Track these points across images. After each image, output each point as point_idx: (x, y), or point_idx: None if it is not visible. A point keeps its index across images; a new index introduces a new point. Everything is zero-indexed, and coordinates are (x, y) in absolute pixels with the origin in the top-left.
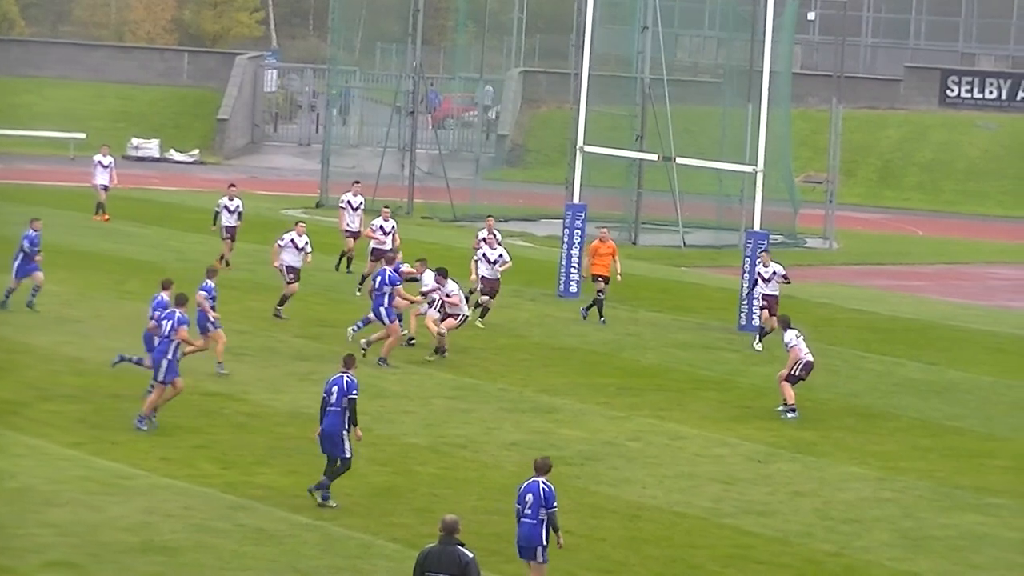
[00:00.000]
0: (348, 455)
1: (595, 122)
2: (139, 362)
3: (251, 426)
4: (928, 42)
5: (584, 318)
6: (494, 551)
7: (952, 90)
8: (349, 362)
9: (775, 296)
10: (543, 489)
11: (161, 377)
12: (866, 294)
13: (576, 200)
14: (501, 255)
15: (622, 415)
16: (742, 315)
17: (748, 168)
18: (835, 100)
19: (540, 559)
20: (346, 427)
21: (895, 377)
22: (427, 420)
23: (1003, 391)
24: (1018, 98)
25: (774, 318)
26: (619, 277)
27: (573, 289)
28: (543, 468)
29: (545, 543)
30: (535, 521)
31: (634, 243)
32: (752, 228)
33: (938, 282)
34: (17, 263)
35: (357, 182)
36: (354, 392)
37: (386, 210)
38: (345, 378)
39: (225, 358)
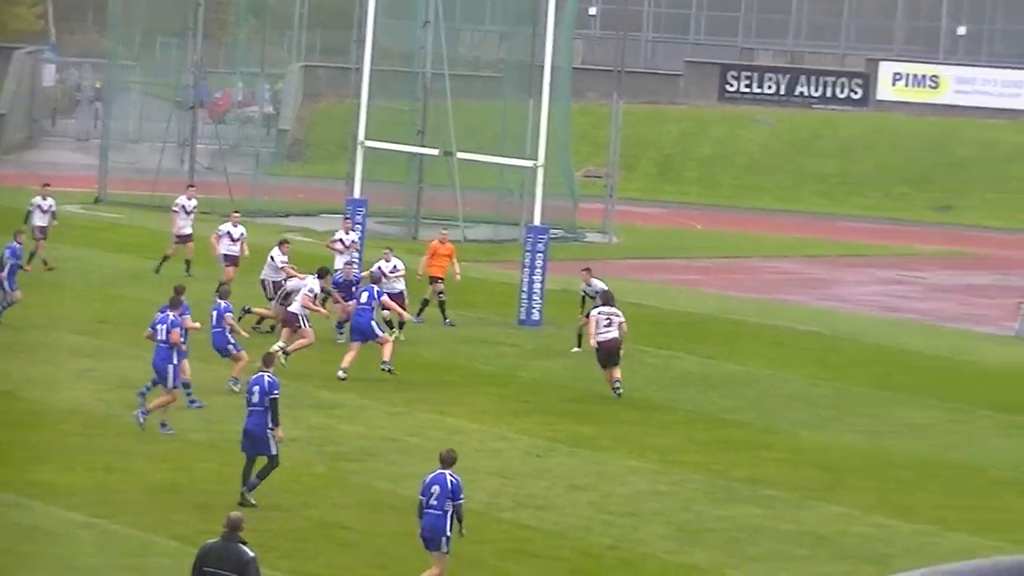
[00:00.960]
0: (274, 452)
1: (376, 117)
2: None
3: (27, 424)
4: (708, 37)
5: (417, 321)
6: (271, 547)
7: (731, 85)
8: (268, 360)
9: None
10: (451, 481)
11: (171, 384)
12: (645, 288)
13: (357, 195)
14: (395, 266)
15: (402, 410)
16: (522, 310)
17: (529, 163)
18: (616, 95)
19: (444, 549)
20: (269, 426)
21: (673, 371)
22: (207, 416)
23: (780, 384)
24: (796, 93)
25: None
26: (457, 277)
27: None
28: (449, 460)
29: (449, 534)
30: (440, 512)
31: (415, 238)
32: (532, 223)
33: (716, 276)
34: (5, 275)
35: (192, 186)
36: (276, 392)
37: (348, 221)
38: (266, 378)
39: (3, 356)
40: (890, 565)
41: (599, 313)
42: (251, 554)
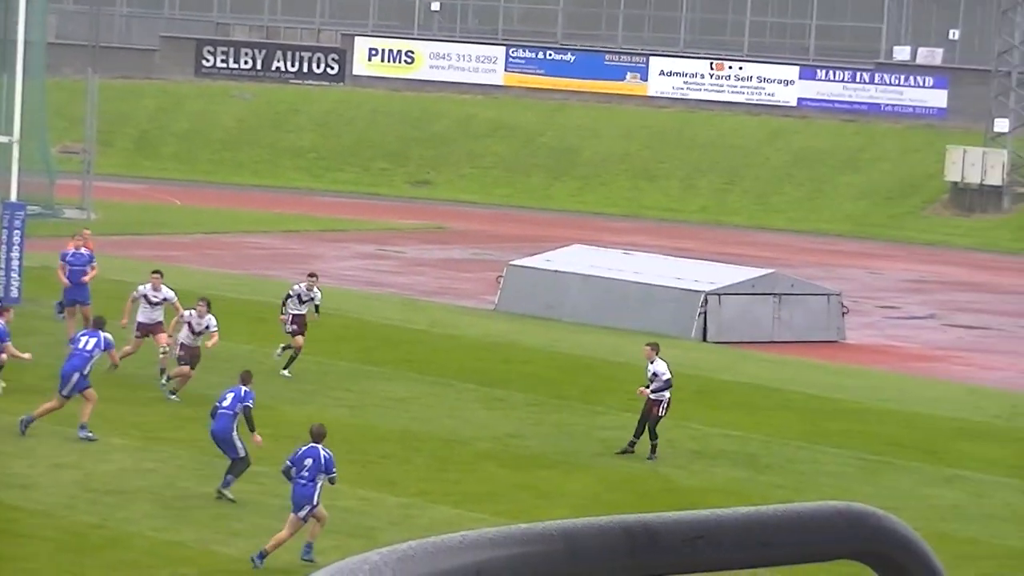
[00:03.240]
0: (243, 454)
1: None
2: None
3: None
4: (183, 12)
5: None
6: None
7: (208, 60)
8: (246, 378)
9: (303, 315)
10: (324, 456)
11: (67, 392)
12: (125, 265)
13: None
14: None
15: None
16: (0, 287)
17: (4, 138)
18: (91, 70)
19: (303, 515)
20: (235, 429)
21: (154, 348)
22: None
23: (263, 359)
24: (272, 68)
25: (300, 338)
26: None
27: None
28: (320, 435)
29: (315, 503)
30: (310, 482)
31: None
32: (9, 199)
33: (197, 251)
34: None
35: None
36: (250, 401)
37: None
38: (243, 389)
39: None
40: (376, 539)
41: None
42: None
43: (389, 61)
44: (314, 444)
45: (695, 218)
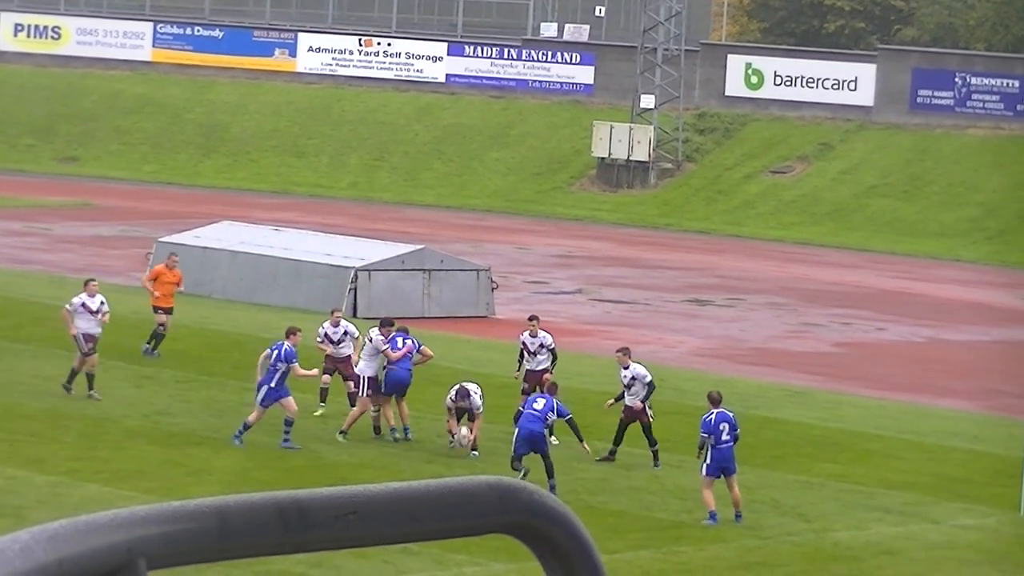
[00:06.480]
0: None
1: None
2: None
3: None
4: None
5: (153, 354)
6: None
7: None
8: (552, 390)
9: (541, 372)
10: (732, 416)
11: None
12: None
13: None
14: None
15: None
16: None
17: None
18: None
19: (731, 479)
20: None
21: None
22: None
23: None
24: None
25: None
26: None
27: None
28: (718, 400)
29: (734, 462)
30: (732, 443)
31: None
32: None
33: None
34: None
35: None
36: (566, 415)
37: None
38: (553, 401)
39: None
40: (24, 518)
41: None
42: None
43: (35, 37)
44: (720, 409)
45: (345, 194)
